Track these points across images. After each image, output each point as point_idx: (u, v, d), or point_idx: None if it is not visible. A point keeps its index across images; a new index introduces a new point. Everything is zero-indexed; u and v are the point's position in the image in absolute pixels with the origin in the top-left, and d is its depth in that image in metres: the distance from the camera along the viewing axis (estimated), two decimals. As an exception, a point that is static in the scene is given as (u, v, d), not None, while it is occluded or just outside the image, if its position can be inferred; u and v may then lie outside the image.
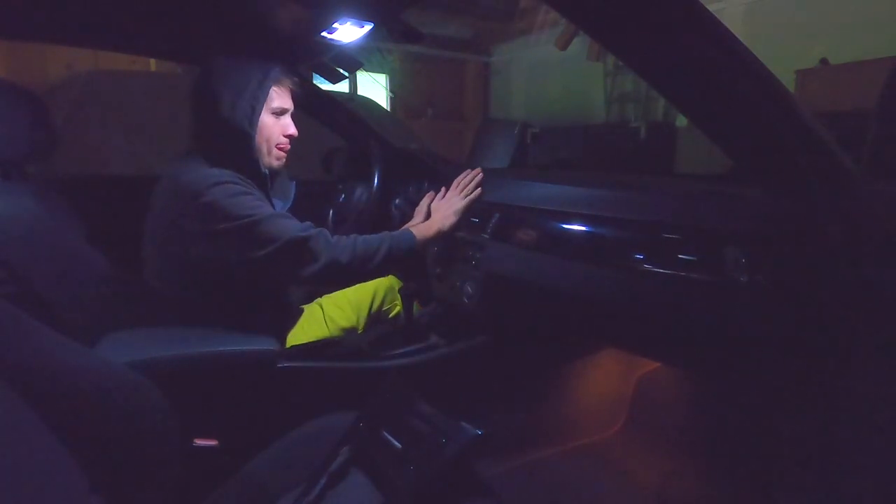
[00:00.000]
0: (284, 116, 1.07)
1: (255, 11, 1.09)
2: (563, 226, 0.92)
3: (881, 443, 0.62)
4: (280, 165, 1.09)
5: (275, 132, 1.05)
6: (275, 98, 1.04)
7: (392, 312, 1.33)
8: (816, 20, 3.00)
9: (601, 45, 1.33)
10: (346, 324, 1.22)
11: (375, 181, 1.54)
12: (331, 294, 1.25)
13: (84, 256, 1.07)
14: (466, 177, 1.17)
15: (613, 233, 0.83)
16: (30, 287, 0.95)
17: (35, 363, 0.44)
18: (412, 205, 1.30)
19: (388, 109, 4.64)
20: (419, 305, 1.38)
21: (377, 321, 1.30)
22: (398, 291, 1.25)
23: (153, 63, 2.79)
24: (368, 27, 1.10)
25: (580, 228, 0.88)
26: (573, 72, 4.60)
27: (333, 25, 1.10)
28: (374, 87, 4.74)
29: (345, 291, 1.27)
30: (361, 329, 1.25)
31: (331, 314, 1.20)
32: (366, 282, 1.26)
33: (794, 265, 0.63)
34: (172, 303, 1.04)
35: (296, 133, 1.08)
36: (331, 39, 1.18)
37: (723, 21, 0.57)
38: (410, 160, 1.59)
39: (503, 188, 1.11)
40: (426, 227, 1.09)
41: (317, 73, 1.56)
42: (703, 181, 1.25)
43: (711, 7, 0.56)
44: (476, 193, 1.14)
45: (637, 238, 0.79)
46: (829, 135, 0.63)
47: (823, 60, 2.69)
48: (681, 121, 3.76)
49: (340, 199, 1.65)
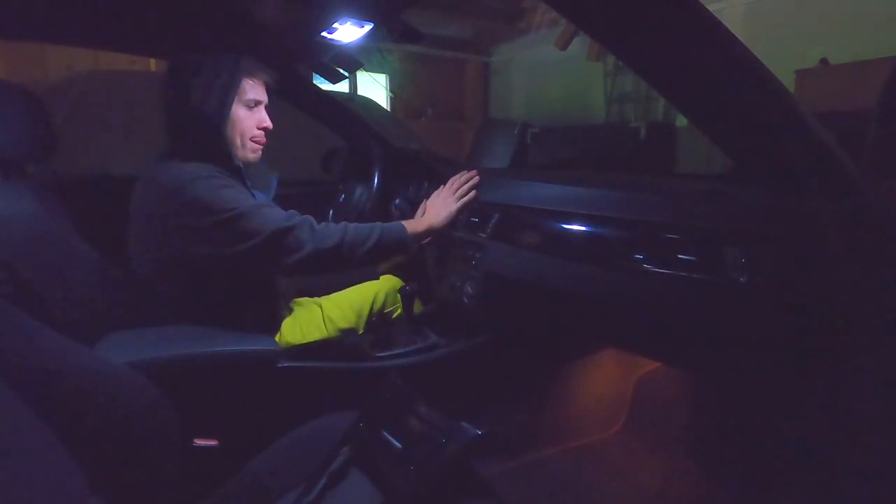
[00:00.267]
0: (259, 109, 1.06)
1: (256, 11, 1.09)
2: (563, 226, 0.92)
3: (881, 443, 0.62)
4: (256, 158, 1.08)
5: (248, 124, 1.04)
6: (248, 90, 1.03)
7: (394, 314, 1.33)
8: (816, 20, 2.99)
9: (601, 45, 1.33)
10: (346, 325, 1.21)
11: (375, 181, 1.54)
12: (330, 295, 1.25)
13: (84, 256, 1.07)
14: (462, 177, 1.17)
15: (613, 233, 0.83)
16: (30, 287, 0.95)
17: (35, 363, 0.44)
18: (412, 205, 1.30)
19: (388, 109, 4.64)
20: (420, 305, 1.38)
21: (378, 322, 1.30)
22: (398, 292, 1.25)
23: (153, 63, 2.78)
24: (368, 27, 1.10)
25: (580, 228, 0.88)
26: (573, 72, 4.60)
27: (333, 25, 1.11)
28: (374, 87, 4.73)
29: (346, 292, 1.26)
30: (362, 330, 1.24)
31: (330, 315, 1.20)
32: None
33: (794, 265, 0.63)
34: (168, 301, 1.04)
35: (271, 125, 1.07)
36: (331, 39, 1.18)
37: (723, 21, 0.57)
38: (410, 160, 1.59)
39: (503, 188, 1.11)
40: (418, 223, 1.11)
41: (317, 73, 1.56)
42: (703, 181, 1.25)
43: (711, 7, 0.56)
44: (470, 196, 1.14)
45: (637, 238, 0.79)
46: (829, 135, 0.63)
47: (823, 60, 2.69)
48: (681, 121, 3.76)
49: (340, 199, 1.65)
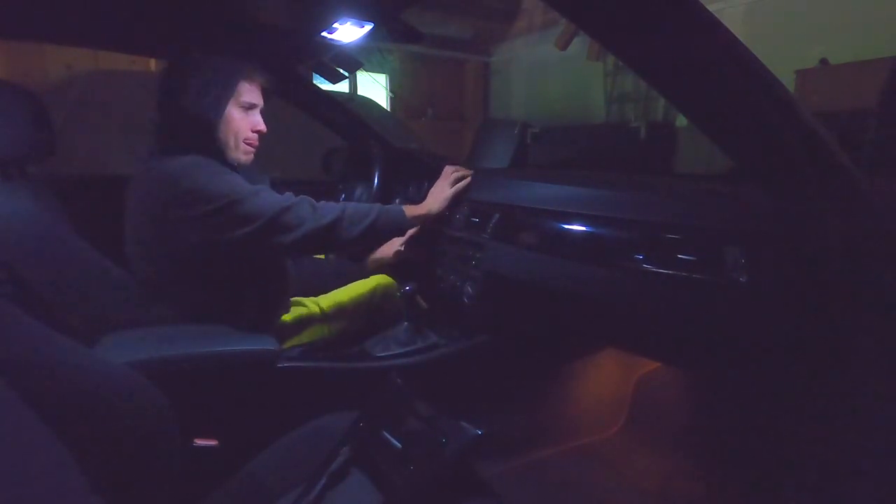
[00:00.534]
0: (254, 112, 1.08)
1: (256, 11, 1.09)
2: (563, 226, 0.91)
3: (881, 442, 0.62)
4: (248, 161, 1.10)
5: (243, 126, 1.05)
6: (244, 92, 1.04)
7: (391, 312, 1.33)
8: (816, 20, 2.99)
9: (601, 45, 1.33)
10: (345, 323, 1.22)
11: (375, 181, 1.54)
12: (328, 294, 1.25)
13: (84, 256, 1.07)
14: (455, 167, 1.23)
15: (613, 233, 0.83)
16: (30, 287, 0.95)
17: (35, 363, 0.44)
18: (412, 204, 1.30)
19: (388, 109, 4.64)
20: (421, 305, 1.38)
21: (376, 320, 1.30)
22: (398, 292, 1.25)
23: (153, 63, 2.78)
24: (368, 27, 1.10)
25: (580, 228, 0.88)
26: (573, 72, 4.59)
27: (333, 25, 1.11)
28: (374, 87, 4.73)
29: (342, 290, 1.27)
30: (360, 328, 1.24)
31: (329, 314, 1.20)
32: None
33: (794, 265, 0.63)
34: (168, 301, 1.04)
35: (264, 129, 1.09)
36: (331, 39, 1.18)
37: (723, 21, 0.57)
38: (410, 160, 1.59)
39: (503, 188, 1.11)
40: (416, 207, 1.16)
41: (317, 73, 1.56)
42: (703, 181, 1.25)
43: (711, 7, 0.56)
44: (465, 183, 1.20)
45: (637, 238, 0.79)
46: (829, 135, 0.63)
47: (823, 60, 2.69)
48: (681, 121, 3.76)
49: (340, 200, 1.66)
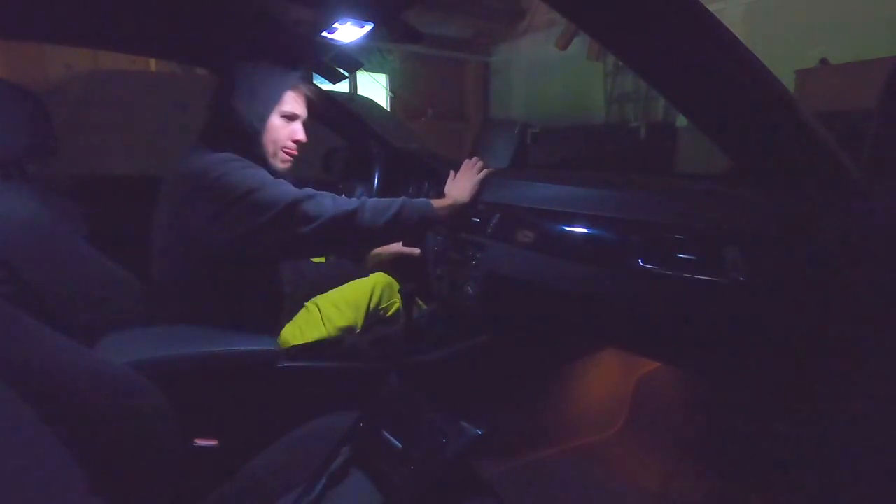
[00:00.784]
0: (295, 122, 1.09)
1: (256, 11, 1.09)
2: (564, 226, 0.92)
3: (881, 442, 0.62)
4: (285, 169, 1.11)
5: (282, 135, 1.07)
6: (287, 102, 1.06)
7: (390, 311, 1.33)
8: (816, 20, 2.99)
9: (601, 45, 1.33)
10: (345, 323, 1.22)
11: (375, 181, 1.54)
12: (327, 294, 1.25)
13: (84, 256, 1.07)
14: (474, 159, 1.20)
15: (613, 233, 0.83)
16: (30, 287, 0.95)
17: (35, 363, 0.44)
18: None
19: (388, 109, 4.64)
20: (421, 305, 1.38)
21: (376, 319, 1.30)
22: (398, 291, 1.25)
23: (153, 63, 2.78)
24: (368, 27, 1.10)
25: (580, 228, 0.88)
26: (573, 72, 4.59)
27: (333, 25, 1.11)
28: (374, 87, 4.73)
29: (341, 289, 1.27)
30: (360, 327, 1.24)
31: (328, 314, 1.20)
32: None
33: (794, 265, 0.63)
34: (171, 301, 1.04)
35: (304, 139, 1.10)
36: (331, 39, 1.18)
37: (723, 21, 0.57)
38: (410, 160, 1.59)
39: (503, 188, 1.11)
40: (442, 200, 1.12)
41: (317, 73, 1.56)
42: (703, 181, 1.25)
43: (711, 7, 0.56)
44: (487, 173, 1.17)
45: (637, 238, 0.79)
46: (829, 135, 0.63)
47: (823, 60, 2.69)
48: (681, 121, 3.76)
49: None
